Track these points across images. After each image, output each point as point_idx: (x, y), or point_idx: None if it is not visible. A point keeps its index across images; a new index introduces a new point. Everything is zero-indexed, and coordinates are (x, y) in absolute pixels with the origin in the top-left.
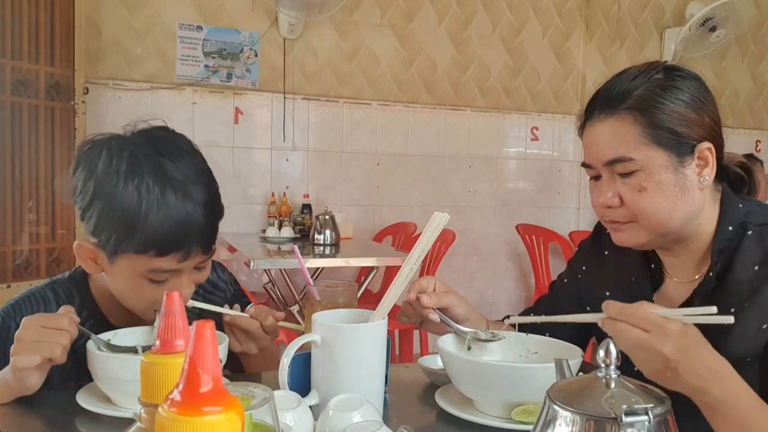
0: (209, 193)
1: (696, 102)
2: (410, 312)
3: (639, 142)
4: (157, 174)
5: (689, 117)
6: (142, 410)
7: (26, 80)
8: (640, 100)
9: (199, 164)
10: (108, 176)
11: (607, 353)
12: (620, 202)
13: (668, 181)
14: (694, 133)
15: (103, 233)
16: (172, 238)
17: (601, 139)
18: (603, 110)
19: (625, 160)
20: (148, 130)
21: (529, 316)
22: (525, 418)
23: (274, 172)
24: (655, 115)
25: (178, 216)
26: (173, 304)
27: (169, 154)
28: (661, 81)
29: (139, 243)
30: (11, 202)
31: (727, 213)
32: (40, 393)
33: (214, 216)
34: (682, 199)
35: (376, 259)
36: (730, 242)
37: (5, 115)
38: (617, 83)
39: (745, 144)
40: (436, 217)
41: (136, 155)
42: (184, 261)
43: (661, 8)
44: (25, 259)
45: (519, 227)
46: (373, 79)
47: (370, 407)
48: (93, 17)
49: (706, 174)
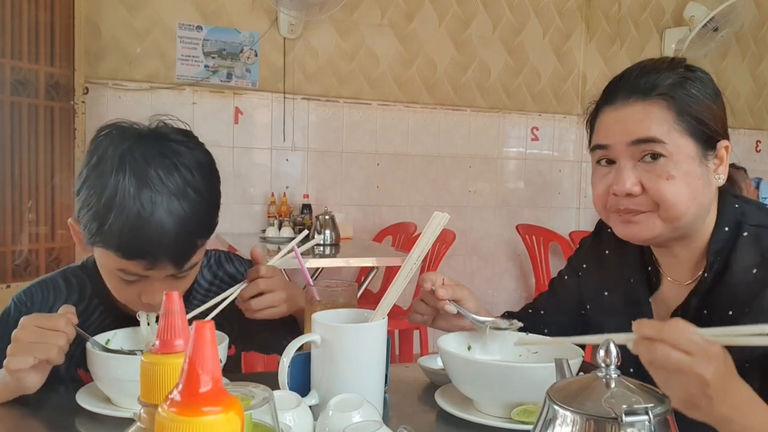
0: (194, 209)
1: (717, 98)
2: (423, 308)
3: (672, 128)
4: (141, 180)
5: (714, 112)
6: (142, 410)
7: (26, 80)
8: (672, 87)
9: (196, 180)
10: (97, 168)
11: (608, 353)
12: (641, 189)
13: (694, 173)
14: (719, 129)
15: (83, 219)
16: (137, 246)
17: (631, 118)
18: (632, 95)
19: (656, 141)
20: (162, 134)
21: (536, 334)
22: (525, 418)
23: (274, 172)
24: (688, 104)
25: (146, 226)
26: (173, 304)
27: (163, 164)
28: (687, 73)
29: (105, 240)
30: (11, 202)
31: (724, 214)
32: (40, 393)
33: (191, 233)
34: (703, 193)
35: (376, 259)
36: (725, 243)
37: (5, 115)
38: (643, 71)
39: (746, 144)
40: (436, 217)
41: (133, 155)
42: (150, 269)
43: (661, 8)
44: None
45: (519, 227)
46: (373, 79)
47: (370, 407)
48: (93, 17)
49: (720, 172)
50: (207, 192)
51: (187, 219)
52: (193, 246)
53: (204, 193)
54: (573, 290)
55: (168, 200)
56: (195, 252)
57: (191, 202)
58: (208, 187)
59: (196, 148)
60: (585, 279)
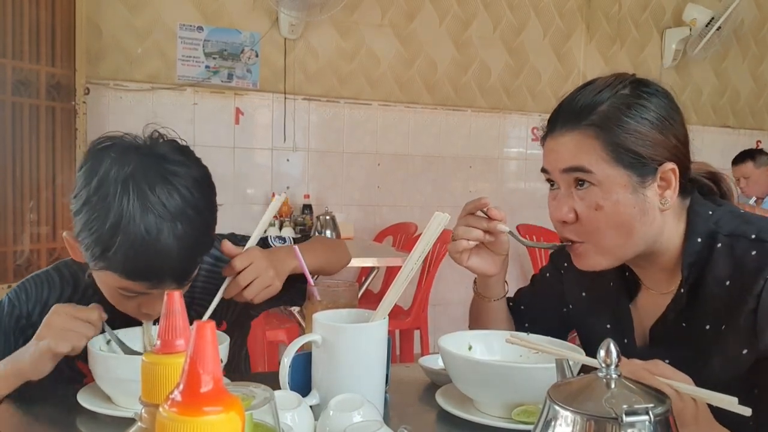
0: (194, 228)
1: (662, 122)
2: (470, 232)
3: (600, 158)
4: (144, 205)
5: (653, 138)
6: (143, 410)
7: (27, 80)
8: (603, 117)
9: (195, 198)
10: (98, 191)
11: (608, 353)
12: (575, 217)
13: (626, 202)
14: (658, 155)
15: (84, 241)
16: (141, 269)
17: (562, 148)
18: (565, 124)
19: (583, 170)
20: (161, 154)
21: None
22: (525, 418)
23: (275, 173)
24: (617, 135)
25: (151, 250)
26: (174, 304)
27: (164, 188)
28: (627, 98)
29: (110, 264)
30: (12, 202)
31: (695, 225)
32: (40, 393)
33: (193, 251)
34: (641, 221)
35: (377, 260)
36: (699, 255)
37: (6, 115)
38: (582, 96)
39: (746, 144)
40: (436, 217)
41: (136, 179)
42: (155, 288)
43: (661, 8)
44: (26, 259)
45: (519, 227)
46: (373, 79)
47: (371, 407)
48: (94, 17)
49: (667, 196)
50: (205, 208)
51: (189, 238)
52: (195, 263)
53: (202, 211)
54: (554, 288)
55: (171, 223)
56: (197, 267)
57: (191, 221)
58: (206, 203)
59: (192, 165)
60: (566, 278)
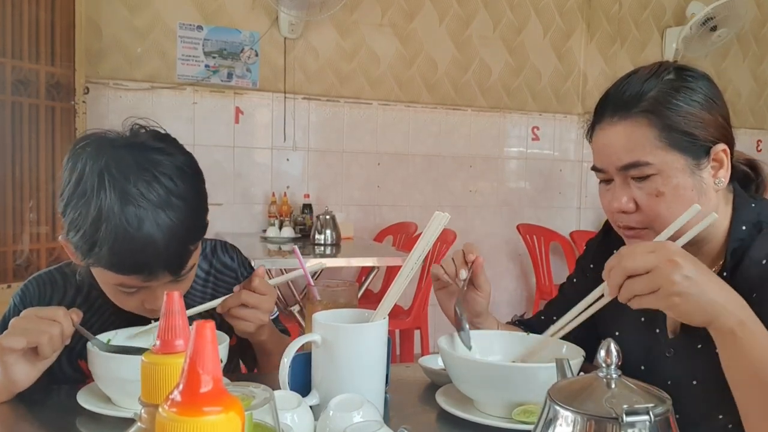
0: (180, 217)
1: (709, 102)
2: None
3: (655, 146)
4: (123, 197)
5: (704, 118)
6: (143, 410)
7: (27, 80)
8: (654, 102)
9: (178, 187)
10: (78, 190)
11: (608, 353)
12: (635, 207)
13: (685, 185)
14: (709, 135)
15: (73, 240)
16: (131, 261)
17: (615, 143)
18: (615, 113)
19: (641, 164)
20: (138, 143)
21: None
22: (526, 418)
23: (275, 172)
24: (670, 118)
25: (136, 241)
26: (173, 304)
27: (142, 177)
28: (674, 82)
29: (99, 259)
30: (12, 201)
31: (741, 212)
32: (40, 393)
33: (182, 240)
34: (699, 203)
35: (377, 259)
36: (743, 242)
37: (5, 115)
38: (628, 85)
39: (747, 144)
40: (436, 217)
41: (111, 171)
42: (149, 280)
43: (662, 8)
44: (26, 258)
45: (520, 227)
46: (373, 78)
47: (371, 407)
48: (93, 17)
49: (721, 176)
50: (191, 196)
51: (175, 227)
52: (187, 252)
53: (188, 198)
54: (582, 292)
55: (153, 213)
56: (190, 256)
57: (176, 209)
58: (192, 190)
59: (174, 153)
60: (593, 278)
